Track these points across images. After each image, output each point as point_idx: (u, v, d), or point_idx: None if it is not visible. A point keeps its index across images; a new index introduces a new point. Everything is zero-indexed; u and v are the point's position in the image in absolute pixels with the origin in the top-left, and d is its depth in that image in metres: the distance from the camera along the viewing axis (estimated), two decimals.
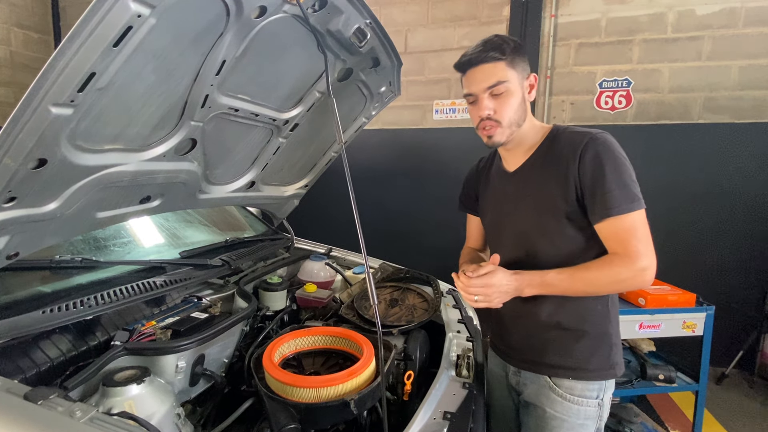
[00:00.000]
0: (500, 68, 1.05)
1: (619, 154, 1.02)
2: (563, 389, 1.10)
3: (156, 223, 1.72)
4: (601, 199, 1.00)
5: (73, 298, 1.10)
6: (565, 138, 1.09)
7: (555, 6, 3.22)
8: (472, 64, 1.07)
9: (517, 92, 1.07)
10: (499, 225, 1.23)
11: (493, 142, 1.10)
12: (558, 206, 1.06)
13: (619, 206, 0.98)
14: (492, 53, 1.05)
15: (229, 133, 1.27)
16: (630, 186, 1.00)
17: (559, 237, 1.08)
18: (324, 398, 0.97)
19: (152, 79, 0.89)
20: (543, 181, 1.09)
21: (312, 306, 1.58)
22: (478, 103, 1.09)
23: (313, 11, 1.04)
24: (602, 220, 1.01)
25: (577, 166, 1.02)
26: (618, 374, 1.12)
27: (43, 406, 0.74)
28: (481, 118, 1.08)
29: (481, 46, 1.07)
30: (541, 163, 1.11)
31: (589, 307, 1.10)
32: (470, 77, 1.08)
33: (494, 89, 1.05)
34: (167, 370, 1.04)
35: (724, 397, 2.80)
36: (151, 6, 0.73)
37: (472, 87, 1.08)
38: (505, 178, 1.21)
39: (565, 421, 1.10)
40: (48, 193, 0.93)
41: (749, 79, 2.91)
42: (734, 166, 2.97)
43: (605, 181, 0.99)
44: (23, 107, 0.71)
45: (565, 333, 1.11)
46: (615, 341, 1.13)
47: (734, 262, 3.03)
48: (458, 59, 1.11)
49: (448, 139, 3.56)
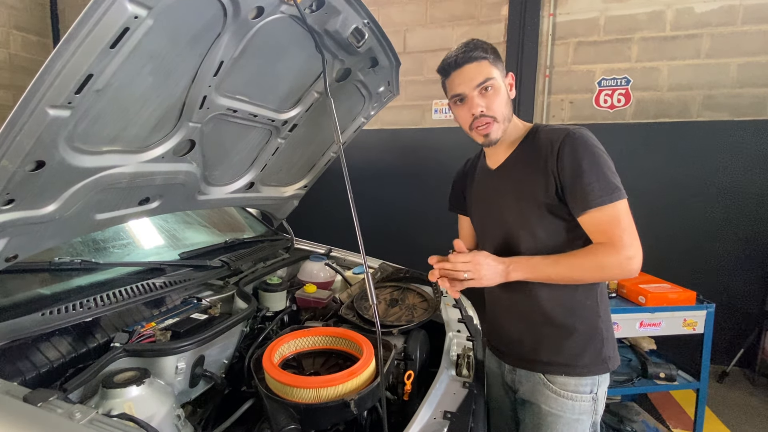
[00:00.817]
0: (485, 66, 1.07)
1: (596, 148, 1.03)
2: (557, 386, 1.11)
3: (155, 225, 1.72)
4: (581, 192, 1.01)
5: (72, 300, 1.10)
6: (543, 134, 1.11)
7: (553, 5, 3.22)
8: (458, 65, 1.08)
9: (503, 88, 1.10)
10: (484, 221, 1.25)
11: (489, 139, 1.11)
12: (539, 201, 1.07)
13: (600, 197, 0.99)
14: (476, 53, 1.06)
15: (227, 134, 1.27)
16: (609, 177, 1.01)
17: (541, 231, 1.09)
18: (324, 398, 0.97)
19: (150, 81, 0.89)
20: (523, 177, 1.11)
21: (312, 306, 1.58)
22: (468, 102, 1.09)
23: (311, 11, 1.04)
24: (584, 212, 1.02)
25: (555, 161, 1.04)
26: (611, 368, 1.13)
27: (43, 408, 0.74)
28: (474, 116, 1.09)
29: (463, 48, 1.08)
30: (521, 159, 1.13)
31: (578, 302, 1.11)
32: (457, 78, 1.09)
33: (483, 86, 1.07)
34: (167, 372, 1.04)
35: (726, 395, 2.80)
36: (148, 7, 0.73)
37: (461, 87, 1.08)
38: (488, 175, 1.22)
39: (560, 417, 1.11)
40: (46, 195, 0.93)
41: (748, 77, 2.91)
42: (734, 164, 2.97)
43: (583, 174, 1.00)
44: (21, 109, 0.71)
45: (556, 330, 1.12)
46: (606, 335, 1.13)
47: (734, 259, 3.03)
48: (441, 64, 1.11)
49: (447, 139, 3.56)
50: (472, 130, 1.12)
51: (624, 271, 1.01)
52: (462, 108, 1.11)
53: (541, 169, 1.06)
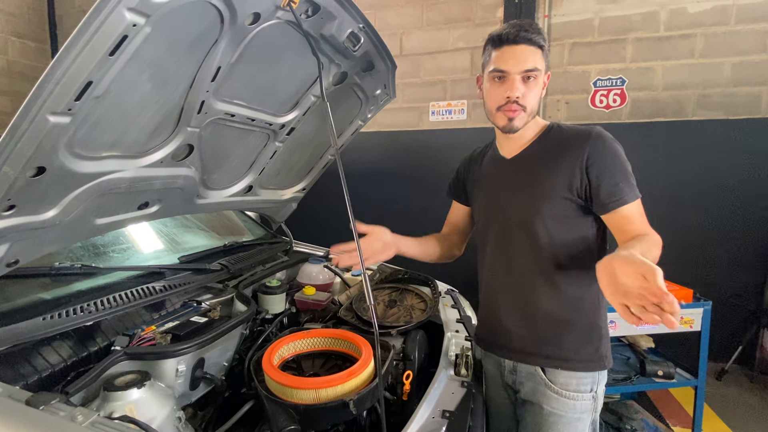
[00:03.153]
0: (539, 55, 1.05)
1: (621, 149, 1.08)
2: (558, 386, 1.11)
3: (154, 229, 1.73)
4: (609, 190, 1.04)
5: (73, 305, 1.11)
6: (567, 131, 1.13)
7: (548, 6, 3.24)
8: (516, 41, 1.03)
9: (542, 84, 1.09)
10: (491, 212, 1.23)
11: (512, 126, 1.09)
12: (557, 193, 1.08)
13: (626, 195, 1.04)
14: (536, 37, 1.04)
15: (225, 138, 1.28)
16: (632, 177, 1.06)
17: (551, 222, 1.10)
18: (323, 399, 0.98)
19: (148, 87, 0.90)
20: (542, 170, 1.11)
21: (311, 309, 1.59)
22: (507, 82, 1.06)
23: (307, 17, 1.05)
24: (613, 210, 1.04)
25: (585, 159, 1.05)
26: (607, 366, 1.14)
27: (45, 411, 0.75)
28: (509, 99, 1.06)
29: (525, 27, 1.04)
30: (541, 153, 1.14)
31: (580, 298, 1.11)
32: (507, 54, 1.05)
33: (529, 73, 1.05)
34: (167, 374, 1.05)
35: (725, 393, 2.80)
36: (146, 15, 0.74)
37: (509, 64, 1.04)
38: (501, 165, 1.21)
39: (562, 417, 1.12)
40: (47, 201, 0.94)
41: (742, 76, 2.94)
42: (729, 162, 2.98)
43: (616, 173, 1.04)
44: (22, 116, 0.73)
45: (556, 324, 1.12)
46: (604, 333, 1.15)
47: (731, 257, 3.04)
48: (496, 32, 1.07)
49: (444, 140, 3.57)
50: (498, 111, 1.09)
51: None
52: (499, 86, 1.08)
53: (566, 165, 1.07)
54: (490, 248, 1.22)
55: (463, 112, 3.57)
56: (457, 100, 3.59)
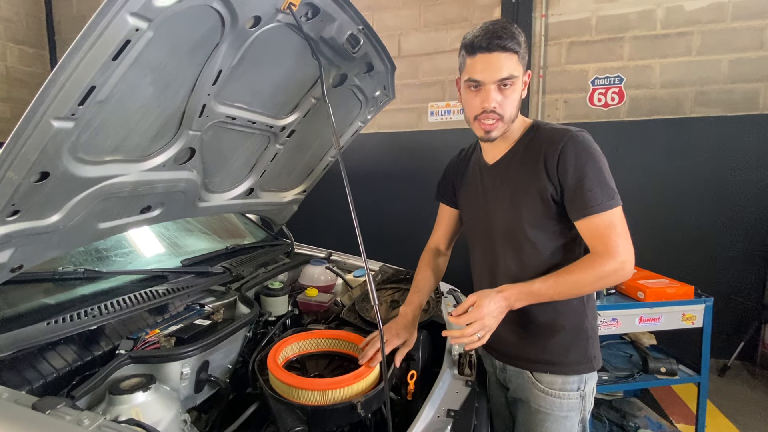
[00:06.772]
0: (514, 62, 1.01)
1: (597, 153, 1.03)
2: (544, 384, 1.12)
3: (157, 233, 1.73)
4: (581, 197, 1.00)
5: (77, 309, 1.11)
6: (544, 134, 1.08)
7: (545, 6, 3.25)
8: (488, 48, 0.99)
9: (520, 89, 1.05)
10: (476, 217, 1.22)
11: (489, 136, 1.07)
12: (534, 199, 1.07)
13: (599, 204, 0.99)
14: (510, 43, 0.99)
15: (226, 141, 1.28)
16: (609, 184, 1.01)
17: (533, 230, 1.08)
18: (330, 401, 0.98)
19: (150, 91, 0.90)
20: (521, 175, 1.09)
21: (314, 310, 1.59)
22: (483, 92, 1.03)
23: (306, 19, 1.06)
24: (583, 218, 1.01)
25: (557, 163, 1.02)
26: (596, 367, 1.14)
27: (52, 416, 0.75)
28: (485, 109, 1.03)
29: (499, 32, 0.99)
30: (520, 157, 1.11)
31: (565, 302, 1.10)
32: (480, 63, 1.01)
33: (505, 81, 1.01)
34: (172, 377, 1.05)
35: (728, 389, 2.81)
36: (149, 20, 0.74)
37: (483, 74, 1.01)
38: (483, 170, 1.20)
39: (549, 415, 1.12)
40: (50, 206, 0.94)
41: (739, 73, 2.95)
42: (728, 158, 2.99)
43: (586, 180, 1.00)
44: (26, 122, 0.73)
45: (542, 328, 1.12)
46: (591, 335, 1.14)
47: (731, 253, 3.05)
48: (469, 38, 1.03)
49: (443, 140, 3.58)
50: (475, 120, 1.07)
51: (619, 277, 1.01)
52: (474, 95, 1.05)
53: (541, 169, 1.05)
54: (478, 254, 1.24)
55: (461, 113, 3.57)
56: (456, 101, 3.59)
